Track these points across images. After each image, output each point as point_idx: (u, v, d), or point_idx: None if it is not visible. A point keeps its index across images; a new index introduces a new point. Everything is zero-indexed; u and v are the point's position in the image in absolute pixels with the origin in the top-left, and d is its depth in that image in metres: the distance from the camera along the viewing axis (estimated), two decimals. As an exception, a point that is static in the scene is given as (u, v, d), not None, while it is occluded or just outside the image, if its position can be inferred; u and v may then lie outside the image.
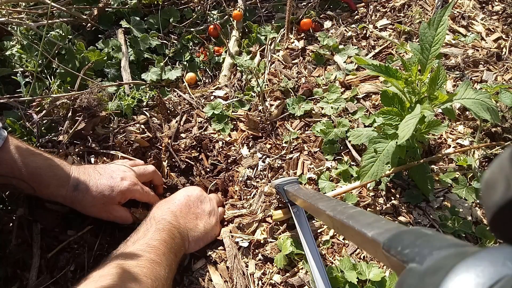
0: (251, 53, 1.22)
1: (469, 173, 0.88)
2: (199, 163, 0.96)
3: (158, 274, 0.59)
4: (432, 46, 0.70)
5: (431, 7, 1.26)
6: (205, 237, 0.77)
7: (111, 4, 1.26)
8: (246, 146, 0.99)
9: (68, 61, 1.09)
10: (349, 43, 1.21)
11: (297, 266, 0.76)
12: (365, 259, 0.77)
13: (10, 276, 0.73)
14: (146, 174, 0.84)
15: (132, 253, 0.61)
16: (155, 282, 0.57)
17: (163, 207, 0.75)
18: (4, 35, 1.15)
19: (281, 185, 0.78)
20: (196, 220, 0.77)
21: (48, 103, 0.96)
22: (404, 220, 0.82)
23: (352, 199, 0.84)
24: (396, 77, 0.71)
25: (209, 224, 0.78)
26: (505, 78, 1.06)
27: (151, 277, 0.57)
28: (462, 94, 0.70)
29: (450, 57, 1.13)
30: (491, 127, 0.93)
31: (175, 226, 0.71)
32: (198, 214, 0.77)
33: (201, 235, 0.76)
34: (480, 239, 0.79)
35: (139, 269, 0.57)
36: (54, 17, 1.21)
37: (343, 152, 0.95)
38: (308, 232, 0.74)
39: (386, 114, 0.76)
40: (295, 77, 1.13)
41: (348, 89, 1.08)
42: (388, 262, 0.25)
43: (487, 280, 0.14)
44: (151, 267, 0.59)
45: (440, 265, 0.18)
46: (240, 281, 0.74)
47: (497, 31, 1.19)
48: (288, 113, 1.04)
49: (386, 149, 0.75)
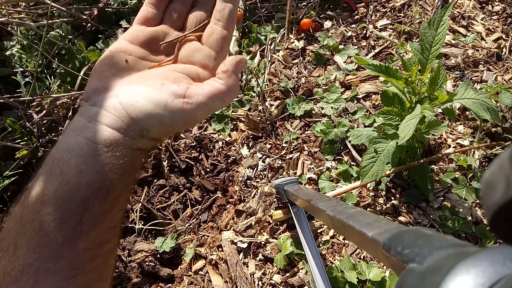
0: (251, 53, 1.22)
1: (469, 173, 0.88)
2: (199, 163, 0.96)
3: None
4: (432, 46, 0.70)
5: (431, 7, 1.26)
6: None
7: (111, 4, 1.26)
8: (246, 146, 0.99)
9: (68, 61, 1.09)
10: (349, 43, 1.21)
11: (297, 266, 0.76)
12: (365, 259, 0.77)
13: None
14: None
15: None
16: None
17: None
18: (4, 35, 1.15)
19: (281, 185, 0.78)
20: None
21: (48, 103, 0.96)
22: (404, 220, 0.82)
23: (352, 199, 0.84)
24: (396, 77, 0.71)
25: None
26: (505, 78, 1.06)
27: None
28: (462, 94, 0.70)
29: (450, 57, 1.13)
30: (491, 127, 0.93)
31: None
32: None
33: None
34: (480, 239, 0.79)
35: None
36: (54, 17, 1.21)
37: (343, 152, 0.95)
38: (308, 232, 0.74)
39: (386, 114, 0.76)
40: (295, 77, 1.13)
41: (348, 89, 1.08)
42: (388, 262, 0.25)
43: (487, 280, 0.14)
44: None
45: (440, 265, 0.18)
46: (241, 281, 0.74)
47: (497, 31, 1.19)
48: (288, 113, 1.04)
49: (386, 149, 0.75)
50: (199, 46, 0.38)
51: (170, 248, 0.81)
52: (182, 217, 0.88)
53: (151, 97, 0.30)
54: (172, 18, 0.39)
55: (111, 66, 0.34)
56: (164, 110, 0.30)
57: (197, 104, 0.31)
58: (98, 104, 0.31)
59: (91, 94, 0.32)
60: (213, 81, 0.33)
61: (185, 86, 0.32)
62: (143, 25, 0.37)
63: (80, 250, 0.28)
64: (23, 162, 0.89)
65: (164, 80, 0.32)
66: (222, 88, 0.32)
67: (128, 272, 0.80)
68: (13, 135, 0.92)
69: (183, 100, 0.31)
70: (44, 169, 0.29)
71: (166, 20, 0.39)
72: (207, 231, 0.85)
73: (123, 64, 0.34)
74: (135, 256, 0.82)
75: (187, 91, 0.31)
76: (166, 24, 0.38)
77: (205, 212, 0.90)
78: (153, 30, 0.37)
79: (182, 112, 0.30)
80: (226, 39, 0.38)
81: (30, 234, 0.27)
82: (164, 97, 0.30)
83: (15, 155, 0.88)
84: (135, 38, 0.36)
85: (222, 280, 0.75)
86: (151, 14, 0.38)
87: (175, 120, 0.31)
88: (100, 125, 0.29)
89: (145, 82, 0.32)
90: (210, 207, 0.90)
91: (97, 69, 0.34)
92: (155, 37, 0.37)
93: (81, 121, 0.30)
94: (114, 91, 0.31)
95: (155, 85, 0.31)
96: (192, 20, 0.39)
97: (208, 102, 0.31)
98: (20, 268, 0.27)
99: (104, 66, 0.34)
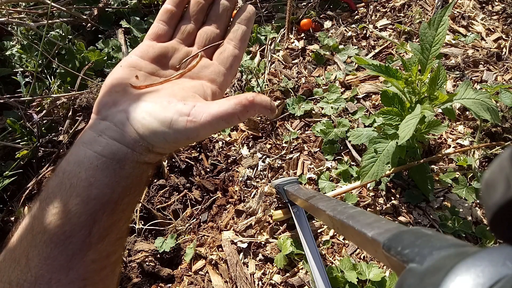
0: (251, 53, 1.22)
1: (469, 173, 0.88)
2: (199, 163, 0.96)
3: None
4: (432, 46, 0.70)
5: (431, 7, 1.26)
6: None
7: (111, 4, 1.26)
8: (246, 146, 0.99)
9: (68, 61, 1.09)
10: (349, 43, 1.21)
11: (297, 266, 0.76)
12: (365, 259, 0.77)
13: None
14: None
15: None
16: None
17: None
18: (4, 35, 1.15)
19: (281, 185, 0.79)
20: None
21: (48, 103, 0.96)
22: (404, 220, 0.82)
23: (352, 199, 0.84)
24: (396, 77, 0.71)
25: None
26: (505, 78, 1.06)
27: None
28: (462, 94, 0.70)
29: (450, 57, 1.13)
30: (491, 127, 0.93)
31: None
32: None
33: None
34: (480, 239, 0.79)
35: None
36: (54, 17, 1.21)
37: (343, 152, 0.95)
38: (308, 232, 0.74)
39: (386, 114, 0.76)
40: (295, 77, 1.13)
41: (348, 89, 1.08)
42: (388, 262, 0.25)
43: (487, 280, 0.14)
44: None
45: (440, 265, 0.18)
46: (241, 281, 0.74)
47: (497, 31, 1.19)
48: (288, 113, 1.04)
49: (386, 149, 0.75)
50: (208, 62, 0.39)
51: (170, 248, 0.81)
52: (182, 217, 0.88)
53: (157, 114, 0.31)
54: (182, 35, 0.40)
55: (121, 81, 0.35)
56: (168, 128, 0.31)
57: (201, 124, 0.31)
58: (107, 119, 0.32)
59: (101, 108, 0.33)
60: (223, 101, 0.33)
61: (192, 104, 0.32)
62: (154, 41, 0.39)
63: (90, 261, 0.29)
64: (23, 162, 0.89)
65: (172, 97, 0.33)
66: (229, 112, 0.32)
67: (128, 272, 0.80)
68: (13, 135, 0.92)
69: (187, 119, 0.31)
70: (55, 181, 0.30)
71: (176, 36, 0.40)
72: (207, 231, 0.85)
73: (133, 80, 0.35)
74: (135, 256, 0.82)
75: (192, 110, 0.31)
76: (177, 40, 0.39)
77: (205, 212, 0.90)
78: (164, 46, 0.38)
79: (185, 130, 0.31)
80: (236, 58, 0.39)
81: (41, 246, 0.28)
82: (169, 115, 0.31)
83: (15, 155, 0.88)
84: (146, 54, 0.37)
85: (222, 280, 0.75)
86: (162, 30, 0.39)
87: (179, 137, 0.31)
88: (109, 139, 0.30)
89: (153, 99, 0.32)
90: (210, 207, 0.90)
91: (108, 83, 0.35)
92: (165, 53, 0.38)
93: (91, 135, 0.31)
94: (123, 107, 0.32)
95: (162, 103, 0.32)
96: (202, 36, 0.40)
97: (213, 122, 0.31)
98: (33, 279, 0.27)
99: (115, 80, 0.35)
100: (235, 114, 0.32)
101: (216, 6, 0.40)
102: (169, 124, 0.31)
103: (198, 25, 0.40)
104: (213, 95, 0.37)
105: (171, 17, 0.39)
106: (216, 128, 0.32)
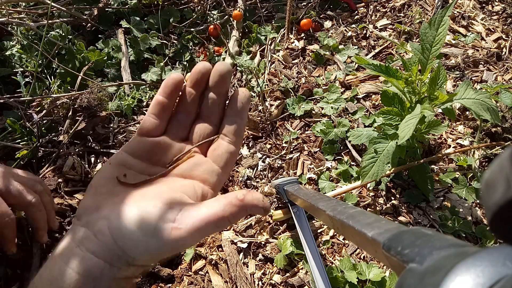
0: (251, 53, 1.22)
1: (469, 173, 0.88)
2: (199, 163, 0.96)
3: None
4: (432, 46, 0.70)
5: (431, 7, 1.26)
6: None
7: (111, 4, 1.26)
8: (246, 146, 0.99)
9: (68, 61, 1.09)
10: (349, 43, 1.21)
11: (297, 266, 0.76)
12: (365, 259, 0.77)
13: (10, 276, 0.73)
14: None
15: None
16: None
17: None
18: (4, 35, 1.15)
19: (281, 185, 0.79)
20: None
21: (48, 103, 0.96)
22: (404, 220, 0.82)
23: (352, 199, 0.84)
24: (396, 77, 0.71)
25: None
26: (505, 78, 1.06)
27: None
28: (462, 94, 0.70)
29: (450, 57, 1.13)
30: (491, 127, 0.93)
31: None
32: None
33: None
34: (480, 239, 0.79)
35: None
36: (54, 17, 1.21)
37: (343, 152, 0.95)
38: (308, 232, 0.74)
39: (386, 114, 0.76)
40: (295, 77, 1.13)
41: (348, 89, 1.08)
42: (388, 262, 0.25)
43: (487, 280, 0.14)
44: None
45: (440, 265, 0.18)
46: (241, 281, 0.74)
47: (497, 31, 1.19)
48: (288, 113, 1.04)
49: (386, 149, 0.75)
50: (202, 159, 0.37)
51: (170, 248, 0.81)
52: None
53: (140, 222, 0.29)
54: (175, 129, 0.37)
55: (108, 181, 0.33)
56: (151, 237, 0.28)
57: (187, 231, 0.28)
58: (88, 226, 0.30)
59: (83, 213, 0.31)
60: (212, 202, 0.30)
61: (178, 208, 0.29)
62: (144, 136, 0.36)
63: None
64: (23, 162, 0.89)
65: (158, 201, 0.30)
66: (220, 214, 0.29)
67: (128, 272, 0.80)
68: (13, 135, 0.92)
69: (172, 226, 0.28)
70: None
71: (169, 131, 0.37)
72: (207, 231, 0.85)
73: (121, 178, 0.34)
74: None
75: (178, 215, 0.29)
76: (169, 135, 0.37)
77: (205, 212, 0.90)
78: (155, 142, 0.36)
79: (170, 239, 0.28)
80: (232, 154, 0.37)
81: None
82: (153, 222, 0.28)
83: (15, 155, 0.88)
84: (136, 151, 0.36)
85: (222, 280, 0.75)
86: (153, 125, 0.36)
87: (162, 247, 0.28)
88: (86, 252, 0.28)
89: (138, 203, 0.30)
90: (210, 207, 0.90)
91: (94, 183, 0.34)
92: (156, 149, 0.36)
93: (69, 244, 0.29)
94: (105, 213, 0.30)
95: (147, 207, 0.30)
96: (197, 133, 0.38)
97: (201, 227, 0.28)
98: None
99: (101, 180, 0.34)
100: (224, 217, 0.29)
101: (206, 100, 0.37)
102: (152, 232, 0.28)
103: (191, 117, 0.38)
104: (203, 197, 0.34)
105: (163, 109, 0.36)
106: (205, 234, 0.29)
